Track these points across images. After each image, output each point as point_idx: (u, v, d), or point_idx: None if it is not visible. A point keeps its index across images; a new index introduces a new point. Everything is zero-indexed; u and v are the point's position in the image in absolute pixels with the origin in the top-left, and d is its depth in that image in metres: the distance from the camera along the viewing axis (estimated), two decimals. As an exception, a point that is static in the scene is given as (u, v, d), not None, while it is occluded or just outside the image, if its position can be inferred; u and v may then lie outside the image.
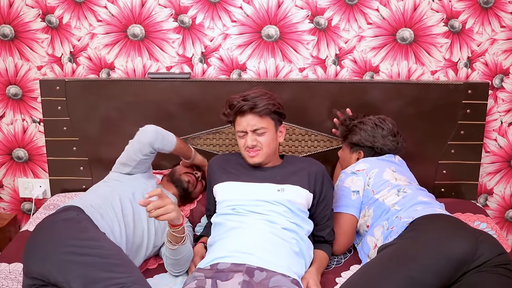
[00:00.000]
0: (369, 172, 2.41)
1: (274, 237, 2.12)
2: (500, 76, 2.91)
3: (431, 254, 1.93)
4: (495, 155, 3.05)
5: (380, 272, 1.96)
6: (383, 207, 2.29)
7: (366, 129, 2.53)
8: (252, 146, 2.26)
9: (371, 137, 2.52)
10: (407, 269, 1.92)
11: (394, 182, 2.36)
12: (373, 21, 2.83)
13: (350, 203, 2.38)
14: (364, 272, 2.03)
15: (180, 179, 2.56)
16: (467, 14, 2.82)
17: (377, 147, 2.52)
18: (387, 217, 2.24)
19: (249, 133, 2.27)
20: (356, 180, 2.40)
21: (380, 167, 2.43)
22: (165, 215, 1.93)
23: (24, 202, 3.21)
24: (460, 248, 1.92)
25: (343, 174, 2.48)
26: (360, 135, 2.53)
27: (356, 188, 2.39)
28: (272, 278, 1.96)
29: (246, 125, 2.26)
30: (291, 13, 2.83)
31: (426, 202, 2.26)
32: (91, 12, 2.85)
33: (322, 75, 2.92)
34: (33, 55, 2.93)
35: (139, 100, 2.85)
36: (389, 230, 2.17)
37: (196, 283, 1.95)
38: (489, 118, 2.96)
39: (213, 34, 2.87)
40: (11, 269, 2.25)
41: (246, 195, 2.25)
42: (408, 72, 2.91)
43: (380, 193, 2.33)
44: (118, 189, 2.31)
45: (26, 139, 3.07)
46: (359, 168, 2.45)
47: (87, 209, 2.13)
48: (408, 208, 2.22)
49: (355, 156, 2.57)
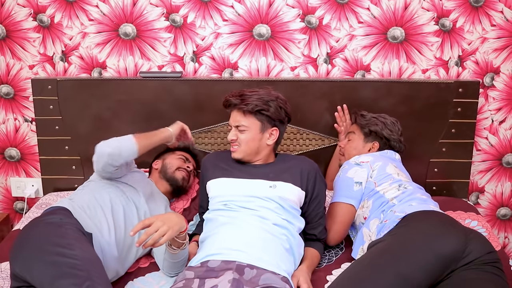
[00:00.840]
0: (373, 165, 2.42)
1: (264, 233, 2.12)
2: (490, 74, 2.93)
3: (421, 250, 1.95)
4: (486, 153, 3.06)
5: (370, 269, 1.97)
6: (382, 200, 2.30)
7: (386, 122, 2.59)
8: (231, 140, 2.33)
9: (389, 131, 2.57)
10: (397, 265, 1.93)
11: (396, 177, 2.38)
12: (364, 20, 2.84)
13: (351, 194, 2.39)
14: (354, 269, 2.04)
15: (174, 178, 2.55)
16: (457, 13, 2.83)
17: (394, 140, 2.57)
18: (383, 209, 2.26)
19: (233, 128, 2.32)
20: (360, 172, 2.41)
21: (384, 161, 2.45)
22: (164, 237, 1.93)
23: (16, 201, 3.21)
24: (449, 245, 1.93)
25: (347, 164, 2.47)
26: (381, 126, 2.57)
27: (359, 180, 2.39)
28: (262, 276, 1.96)
29: (232, 120, 2.32)
30: (283, 12, 2.83)
31: (422, 199, 2.28)
32: (82, 11, 2.85)
33: (313, 74, 2.93)
34: (25, 54, 2.92)
35: (131, 99, 2.85)
36: (383, 223, 2.19)
37: (184, 282, 1.95)
38: (480, 116, 2.97)
39: (205, 33, 2.87)
40: (3, 268, 2.25)
41: (238, 191, 2.26)
42: (399, 71, 2.92)
43: (382, 186, 2.35)
44: (108, 188, 2.31)
45: (18, 138, 3.07)
46: (363, 160, 2.45)
47: (74, 211, 2.14)
48: (404, 203, 2.24)
49: (368, 146, 2.59)
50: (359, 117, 2.66)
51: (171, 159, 2.60)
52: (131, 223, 2.23)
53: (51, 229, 2.02)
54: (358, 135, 2.63)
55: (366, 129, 2.60)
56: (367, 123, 2.61)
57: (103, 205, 2.21)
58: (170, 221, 1.97)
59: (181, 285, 1.93)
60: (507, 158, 3.07)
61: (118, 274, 2.19)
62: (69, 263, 1.86)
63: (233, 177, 2.31)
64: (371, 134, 2.59)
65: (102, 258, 2.06)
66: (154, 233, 1.91)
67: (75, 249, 1.93)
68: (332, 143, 2.90)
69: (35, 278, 1.88)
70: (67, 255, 1.88)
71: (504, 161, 3.08)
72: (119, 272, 2.19)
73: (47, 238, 1.97)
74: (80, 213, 2.14)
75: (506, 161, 3.07)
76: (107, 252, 2.11)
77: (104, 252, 2.10)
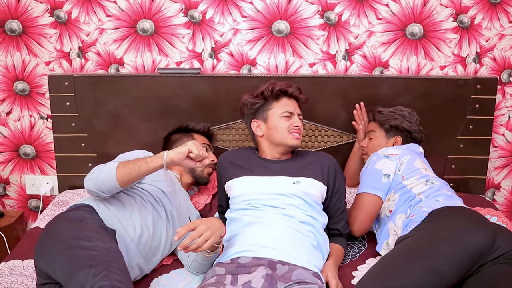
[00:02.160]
0: (402, 158, 2.41)
1: (292, 231, 2.12)
2: (508, 71, 2.94)
3: (450, 245, 1.95)
4: (502, 149, 3.07)
5: (399, 263, 1.98)
6: (409, 194, 2.30)
7: (404, 115, 2.59)
8: (299, 126, 2.33)
9: (409, 122, 2.57)
10: (426, 259, 1.94)
11: (424, 172, 2.38)
12: (383, 16, 2.84)
13: (379, 185, 2.38)
14: (383, 264, 2.05)
15: (203, 176, 2.53)
16: (476, 10, 2.84)
17: (415, 131, 2.57)
18: (410, 204, 2.26)
19: (295, 115, 2.34)
20: (388, 164, 2.40)
21: (412, 155, 2.45)
22: (207, 243, 1.91)
23: (31, 199, 3.18)
24: (477, 240, 1.94)
25: (375, 156, 2.46)
26: (400, 119, 2.57)
27: (388, 172, 2.38)
28: (294, 272, 1.96)
29: (293, 107, 2.34)
30: (302, 8, 2.83)
31: (448, 195, 2.29)
32: (100, 7, 2.83)
33: (332, 70, 2.93)
34: (41, 51, 2.90)
35: (148, 95, 2.84)
36: (409, 218, 2.20)
37: (216, 278, 1.94)
38: (497, 113, 2.98)
39: (223, 29, 2.86)
40: (25, 266, 2.24)
41: (261, 189, 2.25)
42: (418, 67, 2.92)
43: (409, 180, 2.34)
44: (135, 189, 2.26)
45: (34, 135, 3.05)
46: (392, 152, 2.45)
47: (98, 207, 2.12)
48: (431, 198, 2.24)
49: (391, 142, 2.59)
50: (377, 114, 2.66)
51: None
52: (158, 225, 2.20)
53: (71, 223, 2.02)
54: (379, 133, 2.62)
55: (387, 125, 2.60)
56: (386, 118, 2.61)
57: (130, 204, 2.18)
58: (213, 226, 1.95)
59: (213, 281, 1.92)
60: (523, 154, 3.09)
61: (143, 272, 2.17)
62: (87, 255, 1.85)
63: (254, 175, 2.30)
64: (392, 129, 2.59)
65: (126, 254, 2.04)
66: (198, 238, 1.89)
67: (93, 240, 1.92)
68: (351, 140, 2.89)
69: (58, 273, 1.87)
70: (86, 247, 1.88)
71: (520, 157, 3.10)
72: (144, 270, 2.17)
73: (66, 232, 1.96)
74: (104, 210, 2.12)
75: (522, 158, 3.09)
76: (131, 249, 2.09)
77: (128, 249, 2.08)
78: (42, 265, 1.94)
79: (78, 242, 1.90)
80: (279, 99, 2.35)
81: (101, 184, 2.04)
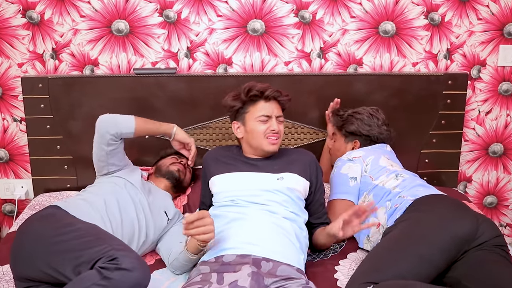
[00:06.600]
0: (366, 159, 2.45)
1: (275, 227, 2.13)
2: (477, 67, 3.01)
3: (438, 232, 2.00)
4: (473, 143, 3.15)
5: (391, 254, 2.01)
6: (384, 190, 2.33)
7: (362, 118, 2.59)
8: (276, 131, 2.29)
9: (368, 126, 2.58)
10: (417, 248, 1.98)
11: (391, 168, 2.42)
12: (356, 14, 2.89)
13: (348, 189, 2.42)
14: (375, 257, 2.07)
15: (170, 170, 2.55)
16: (446, 7, 2.90)
17: (374, 136, 2.57)
18: (389, 198, 2.28)
19: (273, 118, 2.29)
20: (353, 167, 2.44)
21: (376, 155, 2.48)
22: (204, 235, 1.95)
23: (5, 203, 3.12)
24: (464, 227, 1.99)
25: (339, 161, 2.50)
26: (357, 124, 2.59)
27: (354, 175, 2.42)
28: (278, 268, 1.98)
29: (272, 110, 2.30)
30: (276, 7, 2.85)
31: (425, 185, 2.34)
32: (74, 8, 2.80)
33: (307, 68, 2.96)
34: (14, 52, 2.86)
35: (125, 96, 2.82)
36: (393, 208, 2.22)
37: (201, 277, 1.94)
38: (468, 107, 3.05)
39: (199, 28, 2.86)
40: (5, 271, 2.20)
41: (245, 185, 2.25)
42: (391, 64, 2.97)
43: (379, 179, 2.38)
44: (98, 189, 2.31)
45: (7, 138, 3.00)
46: (355, 155, 2.49)
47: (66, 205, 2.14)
48: (409, 189, 2.27)
49: (350, 146, 2.61)
50: (335, 117, 2.69)
51: (164, 160, 2.63)
52: (127, 214, 2.23)
53: (44, 220, 2.04)
54: (339, 136, 2.68)
55: (343, 130, 2.64)
56: (343, 124, 2.64)
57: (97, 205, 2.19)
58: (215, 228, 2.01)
59: (198, 279, 1.92)
60: (493, 147, 3.16)
61: None
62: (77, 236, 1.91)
63: (238, 171, 2.31)
64: (349, 134, 2.63)
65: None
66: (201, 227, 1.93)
67: (74, 224, 1.99)
68: (326, 137, 2.93)
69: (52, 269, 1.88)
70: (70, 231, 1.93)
71: (490, 150, 3.17)
72: None
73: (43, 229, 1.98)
74: (72, 209, 2.13)
75: (492, 151, 3.17)
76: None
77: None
78: (22, 268, 1.92)
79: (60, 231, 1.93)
80: (256, 102, 2.30)
81: (119, 123, 2.33)
